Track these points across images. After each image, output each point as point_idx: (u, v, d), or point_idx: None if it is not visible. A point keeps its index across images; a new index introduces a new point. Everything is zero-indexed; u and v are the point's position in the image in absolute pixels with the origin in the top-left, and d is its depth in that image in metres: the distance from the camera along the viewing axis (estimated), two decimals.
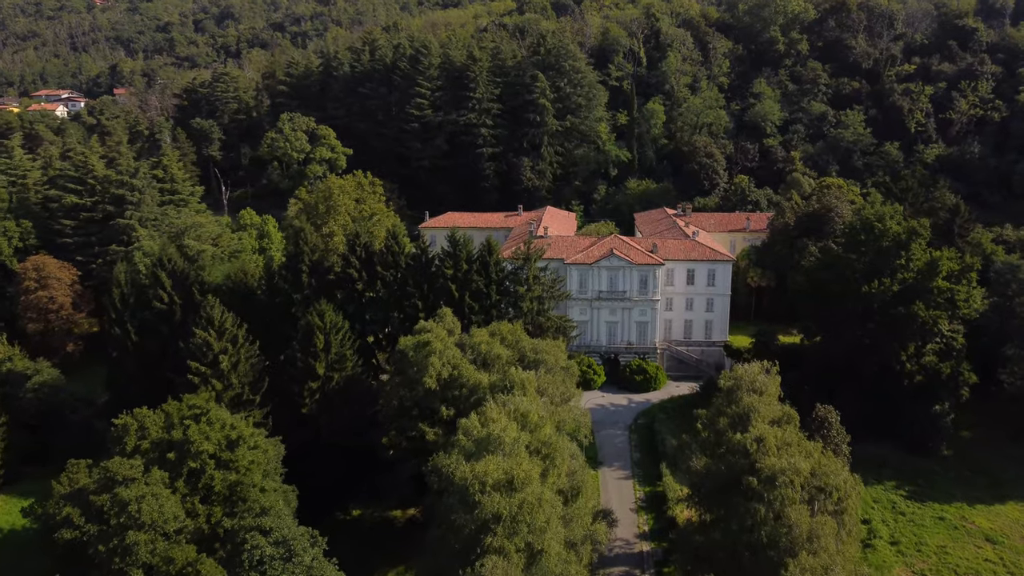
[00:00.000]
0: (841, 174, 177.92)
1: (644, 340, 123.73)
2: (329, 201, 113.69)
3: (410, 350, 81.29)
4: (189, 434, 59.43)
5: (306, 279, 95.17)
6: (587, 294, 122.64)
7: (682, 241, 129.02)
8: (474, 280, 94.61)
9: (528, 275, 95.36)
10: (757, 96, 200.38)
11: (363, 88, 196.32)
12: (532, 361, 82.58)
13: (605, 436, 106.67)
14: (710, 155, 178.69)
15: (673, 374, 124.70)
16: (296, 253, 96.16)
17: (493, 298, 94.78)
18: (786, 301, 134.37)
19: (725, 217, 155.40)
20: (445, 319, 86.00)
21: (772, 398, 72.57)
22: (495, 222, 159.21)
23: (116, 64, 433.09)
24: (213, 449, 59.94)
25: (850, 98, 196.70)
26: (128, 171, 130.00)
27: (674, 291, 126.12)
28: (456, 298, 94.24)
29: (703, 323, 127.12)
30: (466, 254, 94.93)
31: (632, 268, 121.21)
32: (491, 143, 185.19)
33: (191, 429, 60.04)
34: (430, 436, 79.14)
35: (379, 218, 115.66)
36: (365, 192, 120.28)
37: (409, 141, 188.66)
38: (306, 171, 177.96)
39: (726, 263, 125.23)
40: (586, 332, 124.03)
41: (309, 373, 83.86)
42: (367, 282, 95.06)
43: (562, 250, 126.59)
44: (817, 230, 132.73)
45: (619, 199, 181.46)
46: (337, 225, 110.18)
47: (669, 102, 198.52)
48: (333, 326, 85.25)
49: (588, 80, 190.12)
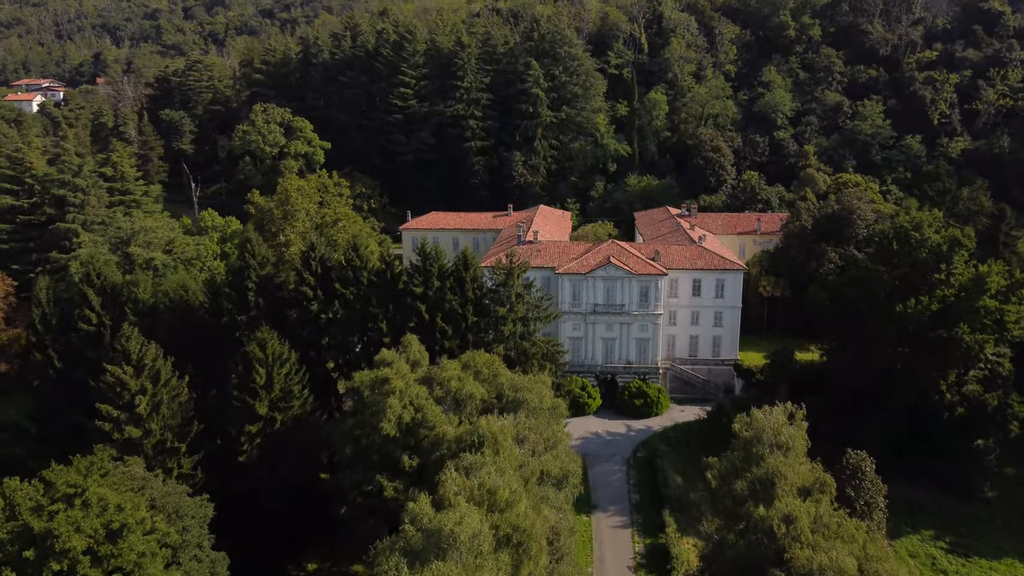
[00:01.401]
0: (858, 170, 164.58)
1: (645, 359, 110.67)
2: (286, 205, 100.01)
3: (366, 388, 68.40)
4: (55, 524, 46.43)
5: (253, 298, 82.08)
6: (581, 307, 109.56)
7: (687, 247, 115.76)
8: (448, 299, 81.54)
9: (510, 293, 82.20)
10: (766, 85, 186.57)
11: (343, 77, 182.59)
12: (511, 401, 69.63)
13: (600, 473, 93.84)
14: (717, 149, 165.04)
15: (677, 396, 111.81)
16: (241, 268, 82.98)
17: (469, 320, 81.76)
18: (802, 312, 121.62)
19: (733, 218, 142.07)
20: (410, 348, 73.06)
21: (800, 455, 59.61)
22: (482, 223, 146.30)
23: (100, 52, 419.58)
24: (86, 544, 46.94)
25: (867, 87, 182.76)
26: (71, 169, 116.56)
27: (678, 303, 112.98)
28: (426, 320, 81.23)
29: (710, 339, 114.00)
30: (438, 269, 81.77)
31: (631, 279, 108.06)
32: (480, 136, 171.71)
33: (58, 518, 47.00)
34: (388, 492, 66.46)
35: (344, 224, 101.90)
36: (330, 194, 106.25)
37: (392, 134, 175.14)
38: (280, 166, 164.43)
39: (737, 272, 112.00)
40: (580, 350, 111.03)
41: (248, 414, 70.94)
42: (324, 301, 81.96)
43: (553, 257, 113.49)
44: (837, 234, 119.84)
45: (618, 197, 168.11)
46: (295, 233, 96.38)
47: (672, 92, 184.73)
48: (277, 357, 72.23)
49: (585, 68, 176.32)
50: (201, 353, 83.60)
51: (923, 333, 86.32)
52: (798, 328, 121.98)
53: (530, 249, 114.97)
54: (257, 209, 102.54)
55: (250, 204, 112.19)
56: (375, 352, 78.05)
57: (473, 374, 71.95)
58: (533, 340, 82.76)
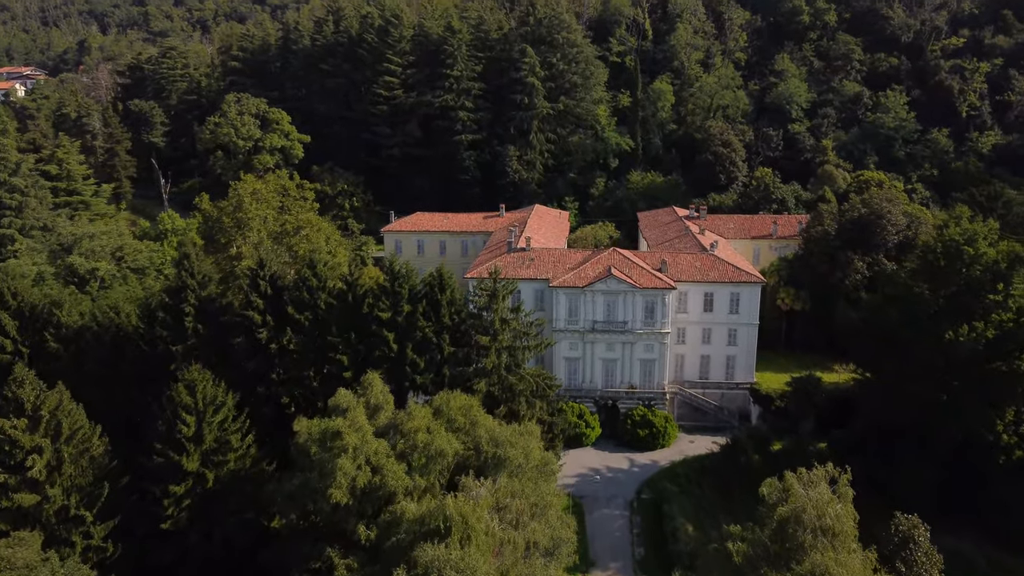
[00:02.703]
0: (880, 166, 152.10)
1: (650, 382, 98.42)
2: (239, 212, 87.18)
3: (313, 443, 56.14)
4: None
5: (191, 324, 69.65)
6: (578, 324, 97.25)
7: (698, 256, 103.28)
8: (420, 326, 69.18)
9: (494, 318, 69.77)
10: (779, 75, 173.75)
11: (325, 65, 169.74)
12: (491, 459, 57.42)
13: (599, 520, 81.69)
14: (727, 143, 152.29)
15: (686, 424, 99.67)
16: (178, 288, 70.50)
17: (446, 350, 69.44)
18: (825, 328, 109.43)
19: (747, 220, 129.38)
20: (371, 390, 60.80)
21: (849, 540, 47.35)
22: (472, 225, 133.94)
23: (85, 39, 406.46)
24: None
25: (888, 77, 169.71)
26: (8, 167, 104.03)
27: (687, 320, 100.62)
28: (395, 351, 68.83)
29: (723, 359, 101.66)
30: (408, 290, 69.30)
31: (635, 293, 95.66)
32: (471, 129, 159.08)
33: None
34: (340, 571, 54.29)
35: (308, 232, 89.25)
36: (291, 198, 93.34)
37: (377, 126, 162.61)
38: (254, 162, 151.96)
39: (754, 286, 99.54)
40: (577, 372, 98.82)
41: (173, 472, 58.66)
42: (274, 328, 69.57)
43: (547, 267, 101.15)
44: (864, 241, 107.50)
45: (620, 195, 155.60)
46: (249, 245, 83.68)
47: (679, 81, 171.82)
48: (210, 402, 59.95)
49: (585, 55, 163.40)
50: (134, 388, 71.51)
51: (976, 364, 73.96)
52: (820, 345, 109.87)
53: (521, 258, 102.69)
54: (204, 216, 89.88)
55: (196, 210, 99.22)
56: (337, 387, 65.99)
57: (446, 422, 59.72)
58: (520, 373, 70.37)
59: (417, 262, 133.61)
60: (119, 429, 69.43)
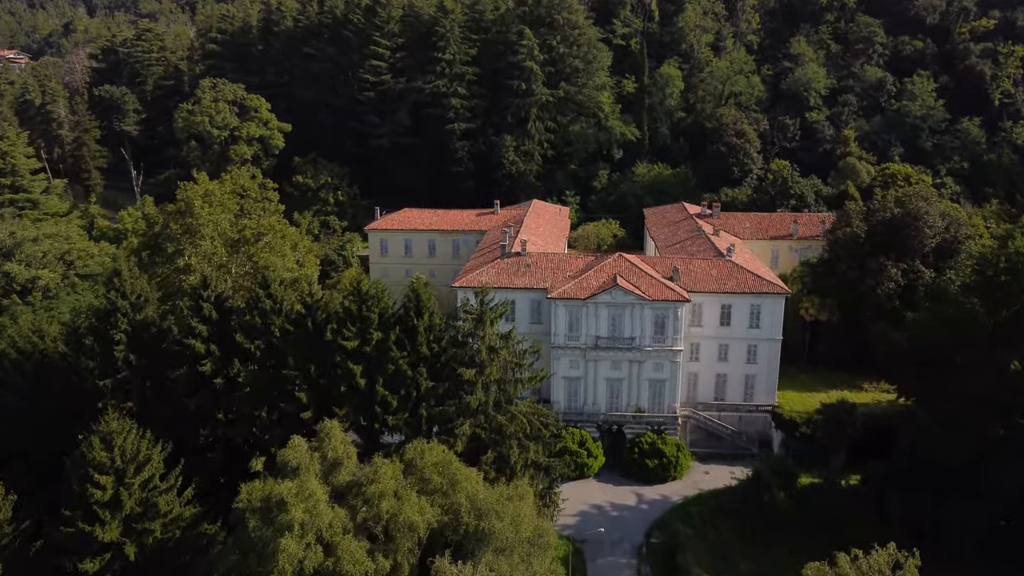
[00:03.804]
0: (906, 158, 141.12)
1: (659, 405, 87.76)
2: (188, 218, 75.51)
3: (253, 516, 45.48)
4: None
5: (122, 354, 58.85)
6: (580, 340, 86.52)
7: (713, 262, 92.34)
8: (392, 357, 58.35)
9: (481, 346, 58.92)
10: (795, 59, 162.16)
11: (308, 48, 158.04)
12: (473, 532, 46.77)
13: (602, 569, 71.30)
14: (741, 133, 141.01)
15: (700, 451, 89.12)
16: (108, 312, 59.63)
17: (423, 386, 58.64)
18: (853, 340, 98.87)
19: (764, 219, 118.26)
20: (329, 441, 50.08)
21: None
22: (464, 223, 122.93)
23: (71, 22, 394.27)
24: None
25: (913, 61, 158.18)
26: None
27: (702, 334, 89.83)
28: (363, 387, 58.05)
29: (741, 378, 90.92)
30: (379, 315, 58.46)
31: (644, 305, 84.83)
32: (465, 117, 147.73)
33: None
34: None
35: (270, 239, 77.44)
36: (251, 201, 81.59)
37: (364, 114, 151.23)
38: (230, 153, 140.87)
39: (777, 297, 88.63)
40: (578, 393, 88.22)
41: (85, 543, 48.04)
42: (221, 359, 58.77)
43: (545, 274, 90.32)
44: (898, 245, 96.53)
45: (624, 188, 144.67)
46: (199, 256, 72.04)
47: (687, 66, 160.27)
48: (132, 458, 49.26)
49: (587, 38, 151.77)
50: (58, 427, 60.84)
51: None
52: (847, 360, 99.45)
53: (517, 264, 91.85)
54: (148, 222, 78.43)
55: (141, 216, 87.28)
56: (295, 427, 55.57)
57: (419, 483, 49.05)
58: (512, 412, 59.58)
59: (404, 264, 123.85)
60: (41, 476, 59.18)
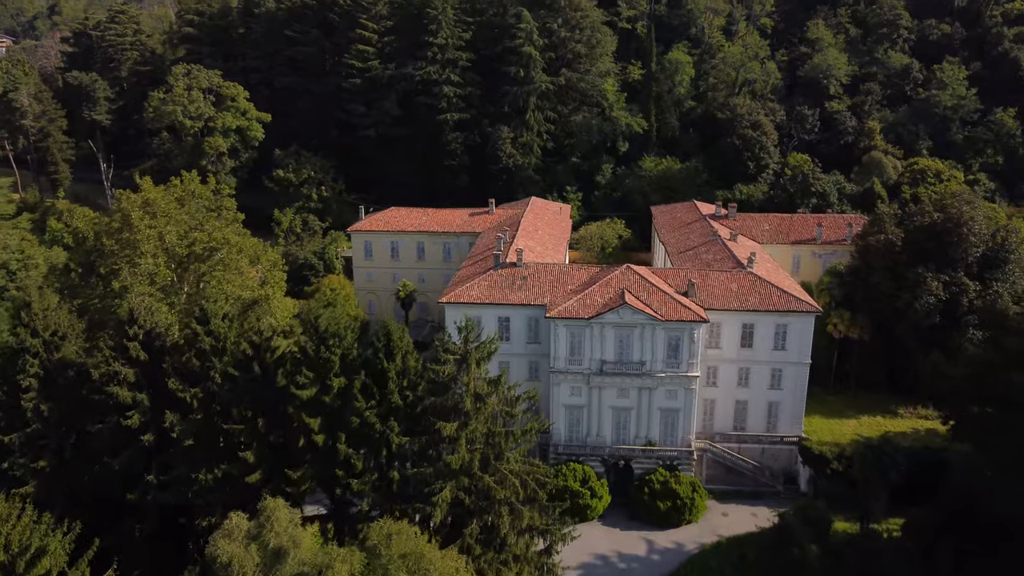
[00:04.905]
0: (934, 152, 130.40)
1: (672, 437, 77.83)
2: (121, 234, 64.30)
3: None
4: None
5: (32, 403, 48.72)
6: (583, 364, 76.47)
7: (733, 275, 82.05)
8: (358, 408, 48.21)
9: (465, 394, 48.73)
10: (812, 44, 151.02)
11: (290, 31, 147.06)
12: None
13: None
14: (756, 124, 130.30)
15: (717, 488, 79.28)
16: (15, 352, 49.48)
17: (394, 442, 48.50)
18: (886, 360, 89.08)
19: (785, 221, 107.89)
20: (271, 524, 40.14)
21: None
22: (456, 224, 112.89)
23: (56, 3, 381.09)
24: None
25: (940, 47, 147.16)
26: None
27: (720, 356, 79.73)
28: (322, 445, 47.98)
29: (764, 406, 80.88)
30: (341, 356, 48.24)
31: (656, 326, 74.69)
32: (458, 106, 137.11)
33: None
34: None
35: (225, 255, 66.00)
36: (201, 212, 69.70)
37: (349, 103, 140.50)
38: (205, 145, 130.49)
39: (806, 316, 78.37)
40: (580, 424, 78.30)
41: None
42: (151, 410, 48.67)
43: (544, 288, 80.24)
44: (940, 254, 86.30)
45: (630, 184, 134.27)
46: (138, 277, 61.07)
47: (697, 51, 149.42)
48: (22, 551, 39.30)
49: (591, 20, 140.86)
50: None
51: None
52: (880, 382, 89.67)
53: (512, 276, 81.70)
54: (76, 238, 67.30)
55: (66, 228, 75.55)
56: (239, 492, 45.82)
57: None
58: (502, 472, 49.49)
59: (391, 268, 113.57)
60: None
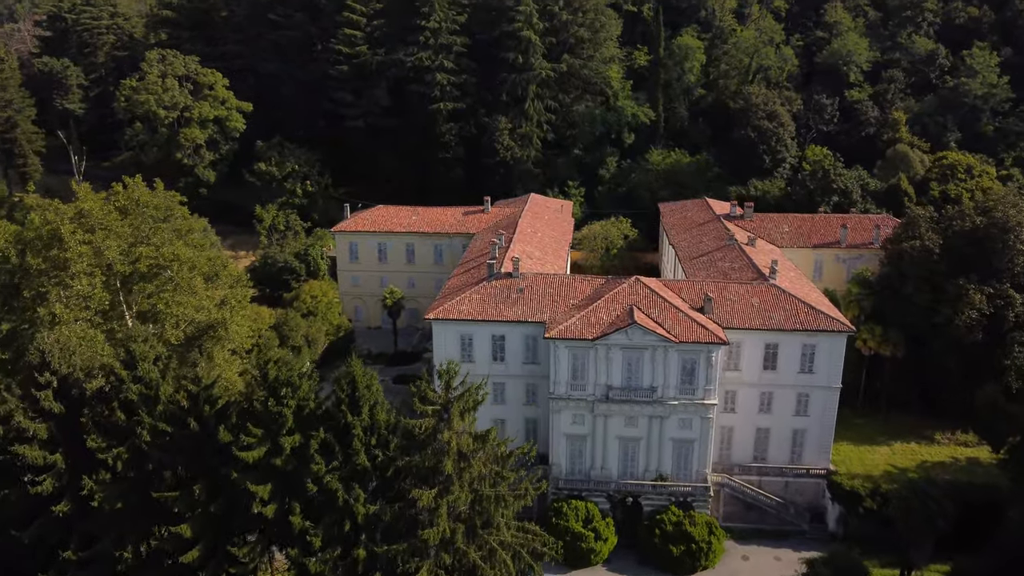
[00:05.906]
0: (963, 144, 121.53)
1: (686, 471, 69.59)
2: (49, 251, 54.93)
3: None
4: None
5: None
6: (586, 390, 68.09)
7: (754, 287, 73.45)
8: (314, 471, 39.75)
9: (446, 452, 40.28)
10: (829, 28, 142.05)
11: (274, 14, 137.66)
12: None
13: None
14: (772, 115, 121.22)
15: (735, 526, 71.12)
16: None
17: (360, 514, 40.01)
18: (921, 379, 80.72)
19: (806, 222, 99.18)
20: None
21: None
22: (449, 224, 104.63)
23: None
24: None
25: (967, 31, 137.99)
26: None
27: (740, 379, 71.30)
28: (272, 515, 39.48)
29: (788, 434, 72.57)
30: (296, 408, 39.72)
31: (669, 348, 66.21)
32: (452, 95, 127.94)
33: None
34: None
35: (176, 275, 56.10)
36: (147, 224, 59.59)
37: (336, 91, 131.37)
38: (180, 137, 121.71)
39: (837, 336, 69.81)
40: (582, 456, 70.07)
41: None
42: (68, 472, 40.23)
43: (543, 302, 71.78)
44: (983, 263, 77.81)
45: (636, 178, 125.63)
46: (69, 304, 51.48)
47: (708, 36, 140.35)
48: None
49: (595, 3, 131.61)
50: None
51: None
52: (914, 403, 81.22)
53: (507, 288, 73.25)
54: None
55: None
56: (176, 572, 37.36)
57: None
58: (491, 544, 41.12)
59: (378, 272, 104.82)
60: None
